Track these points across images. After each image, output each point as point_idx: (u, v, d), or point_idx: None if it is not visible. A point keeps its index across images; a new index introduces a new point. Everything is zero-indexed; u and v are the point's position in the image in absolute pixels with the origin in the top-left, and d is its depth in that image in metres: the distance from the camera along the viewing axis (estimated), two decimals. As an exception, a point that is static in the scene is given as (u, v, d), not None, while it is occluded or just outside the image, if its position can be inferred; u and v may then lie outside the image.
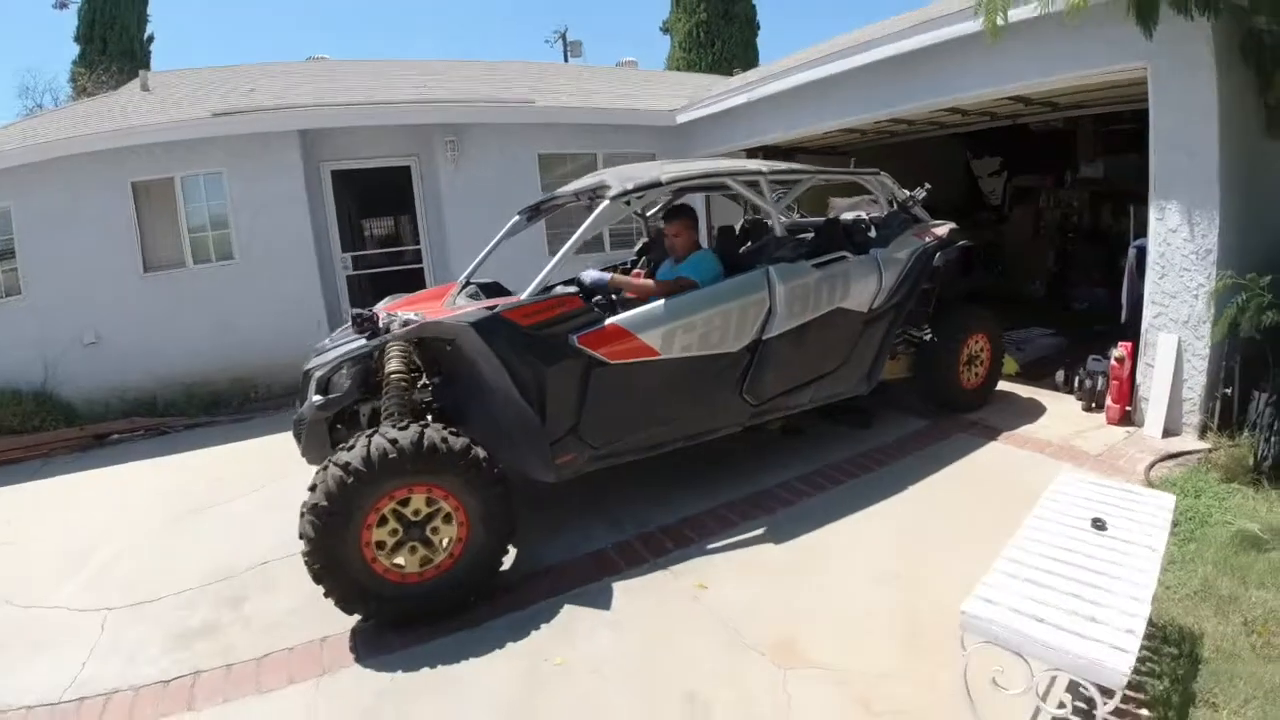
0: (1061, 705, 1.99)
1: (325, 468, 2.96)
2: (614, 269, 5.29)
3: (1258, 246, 4.47)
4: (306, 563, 2.96)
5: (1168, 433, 4.62)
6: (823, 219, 5.85)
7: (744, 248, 5.14)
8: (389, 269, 8.23)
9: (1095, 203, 10.31)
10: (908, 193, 5.55)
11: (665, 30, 23.47)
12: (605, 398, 3.76)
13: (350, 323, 3.91)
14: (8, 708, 2.80)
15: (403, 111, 7.90)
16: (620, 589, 3.28)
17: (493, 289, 4.68)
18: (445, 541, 3.07)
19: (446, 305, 4.20)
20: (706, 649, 2.78)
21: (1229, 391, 4.42)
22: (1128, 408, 4.93)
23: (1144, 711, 2.21)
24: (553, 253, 8.28)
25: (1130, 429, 4.82)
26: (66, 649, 3.17)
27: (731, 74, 16.20)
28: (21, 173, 6.98)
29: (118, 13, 21.10)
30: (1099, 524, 2.32)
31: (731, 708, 2.45)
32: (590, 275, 4.37)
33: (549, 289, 4.18)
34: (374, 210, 8.70)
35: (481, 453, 3.10)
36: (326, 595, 2.99)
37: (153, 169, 7.27)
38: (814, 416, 5.00)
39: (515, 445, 3.65)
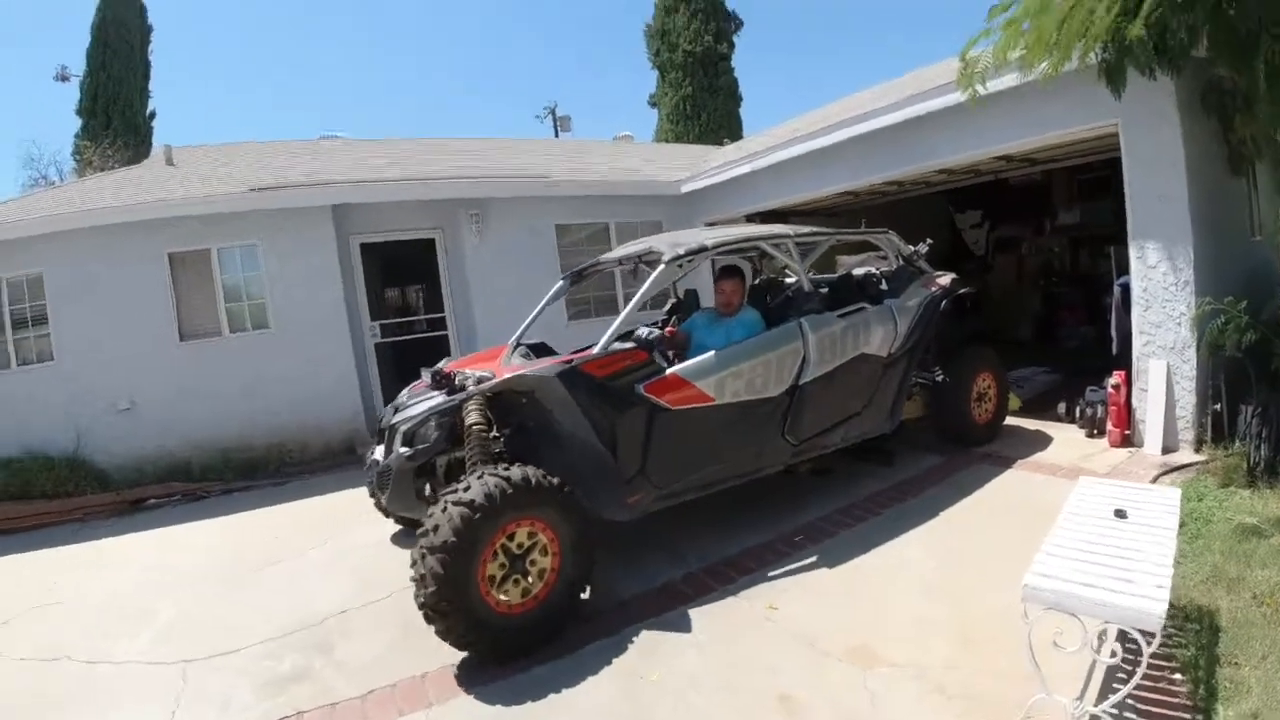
0: (1113, 654, 2.33)
1: (444, 509, 3.18)
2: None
3: (1230, 274, 4.99)
4: (426, 602, 3.12)
5: (1166, 449, 5.03)
6: (837, 275, 6.35)
7: (768, 300, 5.59)
8: (414, 335, 8.63)
9: (1074, 247, 11.01)
10: (913, 248, 6.08)
11: (653, 104, 24.53)
12: (668, 441, 4.10)
13: (430, 380, 4.27)
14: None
15: (431, 187, 8.42)
16: (696, 614, 3.55)
17: (541, 349, 5.06)
18: (542, 572, 3.35)
19: (504, 363, 4.60)
20: (787, 659, 3.06)
21: (1218, 407, 4.85)
22: (1127, 431, 5.34)
23: (1177, 675, 2.54)
24: (571, 318, 8.80)
25: (1132, 450, 5.22)
26: (150, 702, 3.23)
27: (721, 143, 17.07)
28: (55, 239, 7.22)
29: (120, 89, 21.92)
30: (1121, 514, 2.71)
31: (824, 706, 2.72)
32: (644, 331, 4.82)
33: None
34: (400, 280, 9.11)
35: (570, 487, 3.43)
36: (444, 633, 3.17)
37: (190, 240, 7.63)
38: (842, 458, 5.32)
39: (590, 486, 3.90)
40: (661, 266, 4.54)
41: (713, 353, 4.36)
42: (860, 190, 8.21)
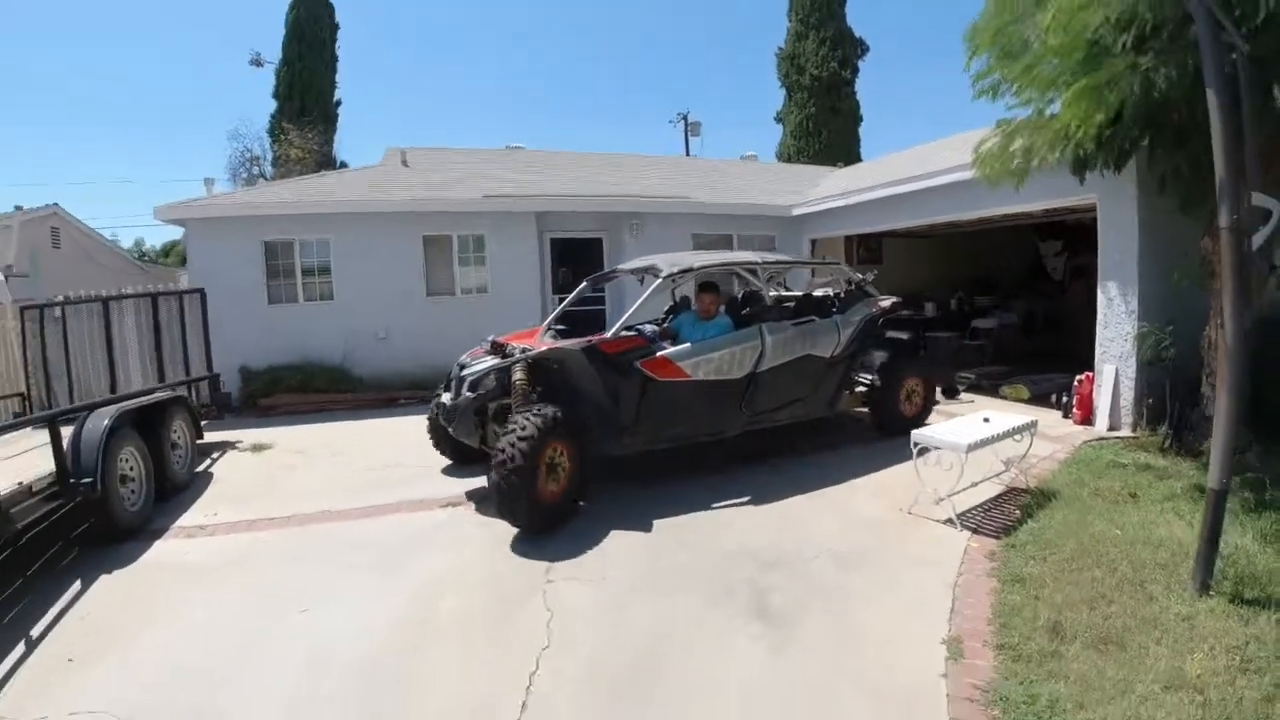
0: (950, 466, 4.83)
1: (525, 421, 4.69)
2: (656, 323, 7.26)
3: (1171, 307, 6.71)
4: (509, 476, 4.50)
5: (1111, 428, 7.19)
6: (800, 293, 7.70)
7: (744, 310, 6.80)
8: (581, 308, 11.59)
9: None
10: (860, 276, 7.70)
11: (778, 120, 26.71)
12: (654, 403, 5.56)
13: (488, 348, 5.85)
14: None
15: (604, 202, 11.51)
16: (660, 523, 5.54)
17: (566, 332, 6.59)
18: (563, 474, 4.96)
19: (540, 340, 6.01)
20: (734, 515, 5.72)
21: (1151, 401, 6.95)
22: (1089, 415, 7.53)
23: (1015, 510, 4.91)
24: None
25: (1087, 427, 7.42)
26: (423, 481, 6.19)
27: (836, 163, 19.28)
28: (340, 218, 10.53)
29: (313, 79, 25.59)
30: (986, 420, 5.19)
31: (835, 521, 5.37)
32: (648, 329, 6.46)
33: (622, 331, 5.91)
34: (573, 265, 12.07)
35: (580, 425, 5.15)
36: (511, 510, 4.65)
37: (437, 227, 10.95)
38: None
39: (598, 429, 5.37)
40: (659, 280, 6.16)
41: (690, 343, 5.84)
42: (919, 228, 10.45)
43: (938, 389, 8.01)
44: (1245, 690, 2.79)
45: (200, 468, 7.04)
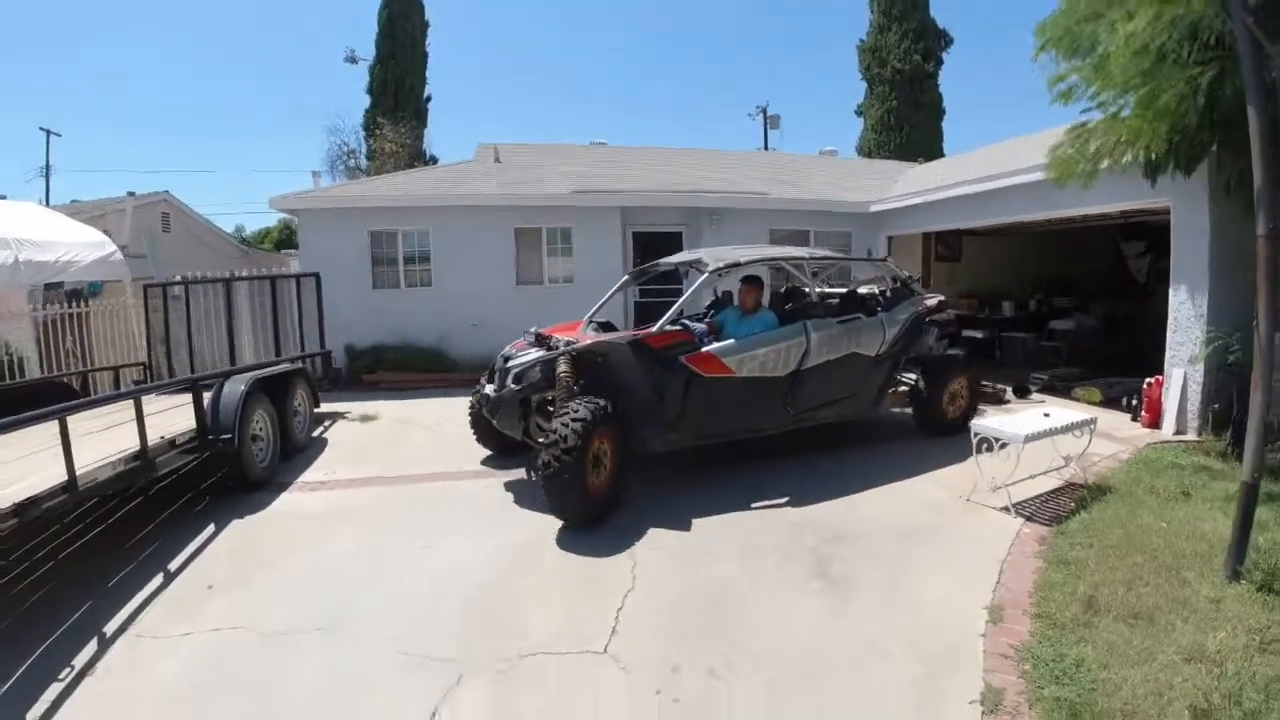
0: (1009, 454, 5.14)
1: (568, 420, 4.60)
2: (696, 317, 7.26)
3: (1240, 312, 6.66)
4: (557, 471, 4.48)
5: (1178, 432, 7.26)
6: (845, 289, 7.60)
7: (788, 306, 6.69)
8: (656, 299, 12.15)
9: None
10: (907, 274, 7.56)
11: (859, 113, 26.56)
12: (699, 398, 5.46)
13: (532, 340, 5.89)
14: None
15: (683, 198, 12.01)
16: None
17: (607, 326, 6.64)
18: (605, 469, 4.91)
19: (582, 333, 6.04)
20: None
21: (1216, 406, 7.01)
22: (1157, 418, 7.60)
23: (1071, 503, 5.18)
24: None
25: (1154, 430, 7.50)
26: None
27: (917, 159, 19.18)
28: (436, 212, 11.40)
29: (405, 75, 26.71)
30: (1046, 415, 5.47)
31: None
32: (695, 326, 6.37)
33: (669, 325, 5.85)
34: (654, 257, 12.61)
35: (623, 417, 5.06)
36: (560, 506, 4.66)
37: (528, 220, 11.71)
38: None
39: (641, 425, 5.29)
40: (705, 275, 6.07)
41: (736, 339, 5.81)
42: (997, 226, 10.55)
43: (1003, 389, 8.12)
44: (1261, 666, 3.05)
45: (315, 433, 7.91)
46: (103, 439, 5.01)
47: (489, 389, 5.77)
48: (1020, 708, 2.87)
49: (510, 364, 5.61)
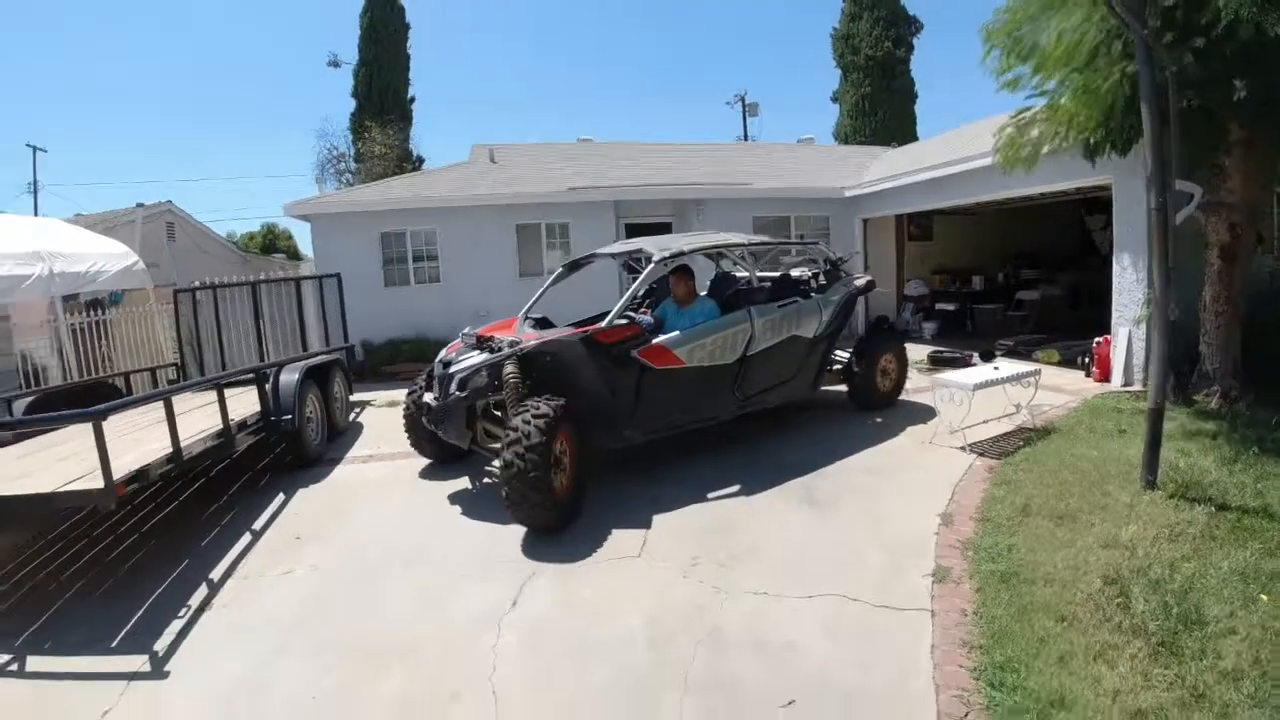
0: (960, 402, 6.04)
1: (526, 422, 4.40)
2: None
3: (1178, 278, 7.84)
4: (521, 479, 4.27)
5: (1125, 384, 8.16)
6: (779, 274, 7.65)
7: (728, 292, 6.78)
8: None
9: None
10: (839, 255, 7.88)
11: (834, 99, 27.41)
12: (652, 392, 5.41)
13: (473, 342, 5.60)
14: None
15: (671, 190, 12.88)
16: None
17: (543, 322, 6.40)
18: (567, 470, 4.75)
19: (518, 331, 5.86)
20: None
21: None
22: (1107, 373, 8.50)
23: (1020, 442, 6.11)
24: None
25: (1104, 384, 8.41)
26: None
27: (890, 143, 20.05)
28: (442, 212, 12.12)
29: (389, 78, 27.15)
30: (996, 368, 6.35)
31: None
32: (642, 319, 6.25)
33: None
34: (645, 249, 13.47)
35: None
36: (526, 512, 4.43)
37: (528, 216, 12.49)
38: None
39: (595, 423, 5.15)
40: (653, 265, 5.87)
41: (684, 329, 5.78)
42: (965, 206, 11.47)
43: (970, 354, 8.89)
44: (1168, 550, 3.82)
45: (350, 418, 8.69)
46: (182, 422, 5.74)
47: (429, 397, 5.54)
48: (962, 579, 3.74)
49: (453, 369, 5.36)
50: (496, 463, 4.75)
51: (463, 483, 5.99)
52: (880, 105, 25.64)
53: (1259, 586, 3.38)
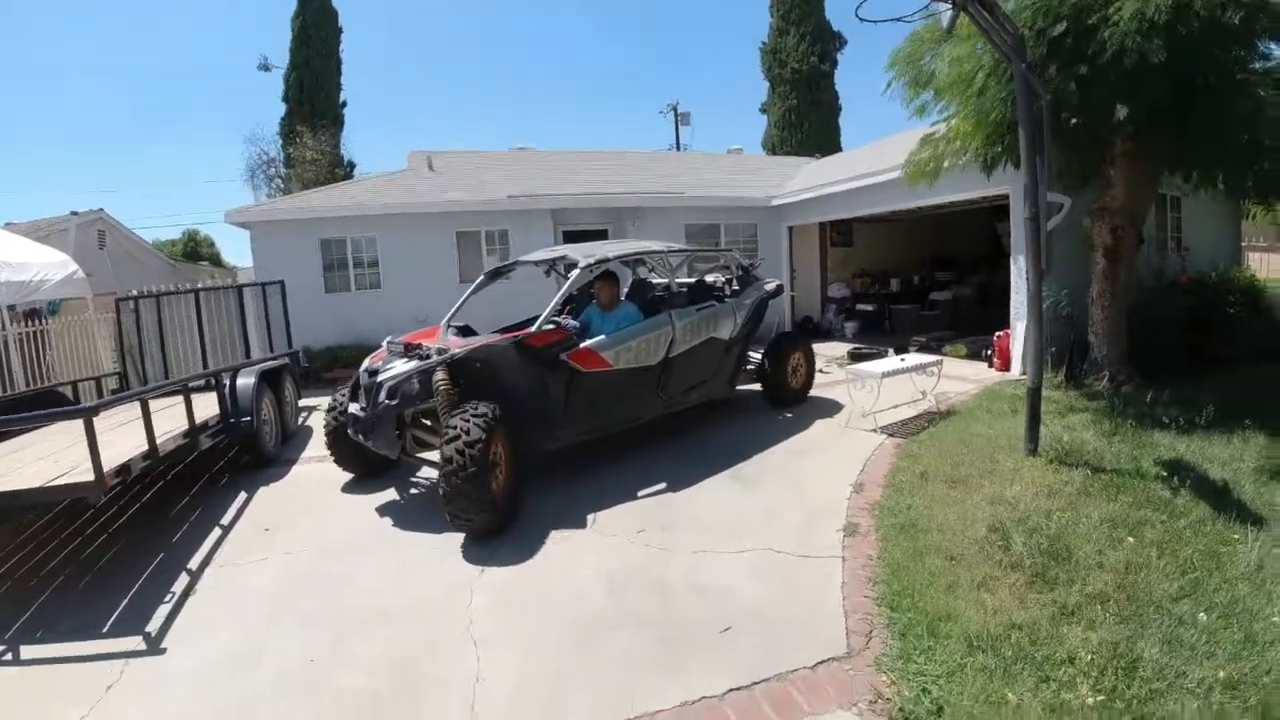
0: (871, 390, 6.77)
1: (466, 421, 4.46)
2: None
3: (1069, 277, 8.73)
4: (460, 478, 4.32)
5: (1023, 373, 9.06)
6: (694, 279, 7.96)
7: (648, 296, 7.04)
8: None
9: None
10: (750, 261, 8.40)
11: (763, 111, 28.52)
12: (582, 394, 5.55)
13: (400, 350, 5.42)
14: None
15: (607, 199, 13.42)
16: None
17: (466, 330, 6.53)
18: (502, 474, 4.77)
19: (443, 339, 5.89)
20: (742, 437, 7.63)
21: (1054, 350, 8.80)
22: (1007, 363, 9.43)
23: (925, 424, 6.88)
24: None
25: (1005, 373, 9.34)
26: None
27: (816, 154, 21.09)
28: (382, 219, 12.35)
29: (320, 82, 27.04)
30: (902, 359, 7.11)
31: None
32: (568, 323, 6.25)
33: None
34: (584, 255, 13.95)
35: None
36: (463, 515, 4.44)
37: (468, 224, 12.81)
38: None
39: (527, 426, 5.24)
40: (578, 271, 6.04)
41: (610, 333, 5.93)
42: (882, 214, 12.39)
43: (885, 350, 9.72)
44: (1045, 504, 4.49)
45: (300, 421, 8.90)
46: (135, 427, 5.73)
47: (354, 408, 5.43)
48: (869, 531, 4.40)
49: (381, 378, 5.24)
50: (434, 455, 4.89)
51: (420, 481, 6.32)
52: (806, 117, 26.78)
53: (1126, 530, 4.05)
